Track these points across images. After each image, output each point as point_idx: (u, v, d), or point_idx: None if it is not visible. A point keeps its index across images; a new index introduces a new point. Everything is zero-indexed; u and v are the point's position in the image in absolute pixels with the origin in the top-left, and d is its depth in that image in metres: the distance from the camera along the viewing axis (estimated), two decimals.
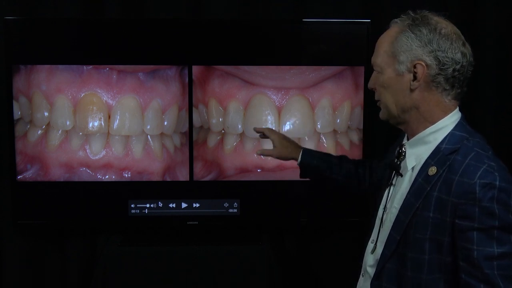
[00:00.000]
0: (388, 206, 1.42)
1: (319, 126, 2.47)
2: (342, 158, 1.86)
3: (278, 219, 2.55)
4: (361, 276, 1.49)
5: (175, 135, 2.47)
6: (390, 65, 1.35)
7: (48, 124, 2.44)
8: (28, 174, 2.45)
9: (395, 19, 1.41)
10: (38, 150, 2.44)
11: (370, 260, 1.44)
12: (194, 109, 2.46)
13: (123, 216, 2.48)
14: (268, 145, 2.46)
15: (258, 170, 2.49)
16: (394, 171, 1.43)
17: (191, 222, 2.50)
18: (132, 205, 2.48)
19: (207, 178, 2.49)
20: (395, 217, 1.36)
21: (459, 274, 1.26)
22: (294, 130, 2.45)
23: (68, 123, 2.43)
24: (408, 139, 1.42)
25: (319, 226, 2.68)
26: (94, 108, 2.43)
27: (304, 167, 1.84)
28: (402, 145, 1.42)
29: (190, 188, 2.49)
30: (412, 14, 1.38)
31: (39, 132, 2.44)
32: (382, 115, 1.44)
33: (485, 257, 1.22)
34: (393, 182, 1.43)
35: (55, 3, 2.55)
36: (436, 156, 1.31)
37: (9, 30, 2.39)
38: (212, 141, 2.48)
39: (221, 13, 2.57)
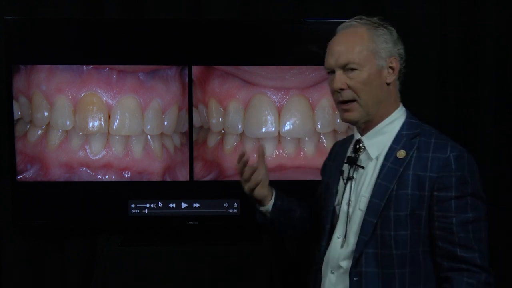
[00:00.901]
0: (352, 199, 1.47)
1: (319, 126, 2.47)
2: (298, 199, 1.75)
3: None
4: (329, 274, 1.50)
5: (175, 135, 2.47)
6: (371, 61, 1.43)
7: (48, 124, 2.44)
8: (28, 174, 2.45)
9: (352, 22, 1.49)
10: (38, 150, 2.44)
11: (342, 255, 1.47)
12: (194, 109, 2.46)
13: (123, 216, 2.48)
14: (268, 144, 2.48)
15: None
16: (351, 166, 1.49)
17: (191, 222, 2.50)
18: (132, 205, 2.48)
19: (207, 178, 2.49)
20: (366, 204, 1.42)
21: (435, 243, 1.38)
22: (294, 130, 2.45)
23: (68, 123, 2.43)
24: (361, 135, 1.50)
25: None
26: (94, 108, 2.43)
27: (276, 207, 1.63)
28: (358, 141, 1.49)
29: (190, 188, 2.49)
30: (366, 18, 1.50)
31: (39, 132, 2.44)
32: (354, 115, 1.45)
33: (461, 222, 1.36)
34: (354, 176, 1.48)
35: (55, 3, 2.55)
36: (401, 141, 1.43)
37: (9, 30, 2.40)
38: (212, 141, 2.48)
39: (221, 13, 2.57)
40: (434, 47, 2.62)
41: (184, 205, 2.50)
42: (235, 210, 2.50)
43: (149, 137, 2.46)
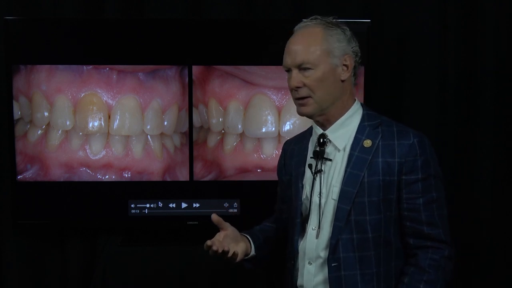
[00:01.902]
0: (323, 190, 1.54)
1: None
2: (264, 223, 1.82)
3: None
4: (307, 265, 1.55)
5: (175, 135, 2.47)
6: (324, 60, 1.50)
7: (48, 124, 2.44)
8: (28, 174, 2.45)
9: (307, 23, 1.55)
10: (38, 150, 2.44)
11: (319, 245, 1.53)
12: (194, 109, 2.46)
13: (123, 216, 2.48)
14: (268, 144, 2.48)
15: (258, 170, 2.49)
16: (318, 159, 1.55)
17: (191, 222, 2.50)
18: (132, 205, 2.48)
19: (207, 178, 2.49)
20: (338, 193, 1.50)
21: (403, 223, 1.50)
22: (294, 130, 2.45)
23: (68, 123, 2.43)
24: (323, 130, 1.56)
25: None
26: (94, 108, 2.43)
27: (259, 254, 1.67)
28: (322, 135, 1.55)
29: (190, 188, 2.49)
30: (321, 18, 1.55)
31: (39, 132, 2.44)
32: (309, 110, 1.53)
33: (427, 202, 1.48)
34: (322, 169, 1.54)
35: (55, 3, 2.55)
36: (364, 131, 1.53)
37: (9, 30, 2.40)
38: (212, 141, 2.48)
39: (221, 13, 2.57)
40: (434, 48, 2.62)
41: (184, 205, 2.50)
42: (235, 210, 2.50)
43: (149, 137, 2.46)
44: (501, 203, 2.64)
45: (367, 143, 1.51)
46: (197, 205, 2.49)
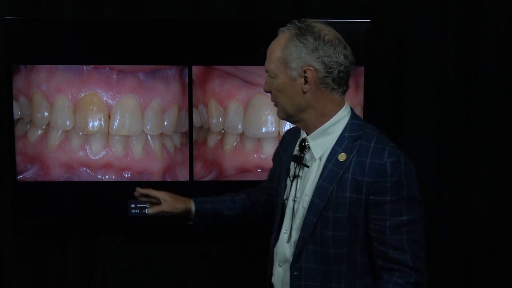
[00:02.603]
0: (298, 196, 1.53)
1: None
2: (233, 194, 1.88)
3: None
4: (277, 267, 1.57)
5: (175, 135, 2.47)
6: (282, 71, 1.47)
7: (48, 124, 2.44)
8: (28, 174, 2.45)
9: (282, 28, 1.50)
10: (38, 150, 2.44)
11: (288, 249, 1.53)
12: (194, 109, 2.46)
13: (123, 216, 2.48)
14: (268, 144, 2.48)
15: (258, 170, 2.49)
16: (297, 164, 1.54)
17: (191, 222, 2.49)
18: (132, 205, 2.48)
19: (207, 178, 2.49)
20: (308, 203, 1.48)
21: (371, 243, 1.45)
22: None
23: (68, 123, 2.43)
24: (307, 134, 1.53)
25: None
26: (94, 108, 2.43)
27: (200, 215, 1.80)
28: (304, 140, 1.54)
29: (190, 188, 2.49)
30: (298, 23, 1.48)
31: (39, 132, 2.44)
32: (280, 115, 1.54)
33: (395, 225, 1.41)
34: (300, 174, 1.53)
35: (55, 3, 2.55)
36: (342, 144, 1.47)
37: (9, 30, 2.39)
38: (212, 141, 2.48)
39: (221, 13, 2.57)
40: (434, 48, 2.62)
41: None
42: None
43: (149, 137, 2.46)
44: (501, 203, 2.64)
45: (342, 156, 1.46)
46: None
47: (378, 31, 2.58)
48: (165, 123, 2.46)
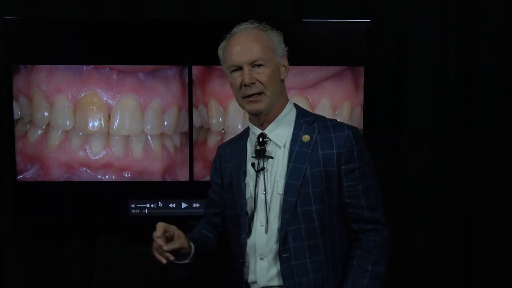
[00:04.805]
0: (268, 187, 1.60)
1: None
2: (195, 231, 1.81)
3: None
4: (259, 261, 1.59)
5: (175, 135, 2.47)
6: (272, 58, 1.59)
7: (48, 124, 2.44)
8: (28, 174, 2.45)
9: (249, 25, 1.61)
10: (38, 150, 2.44)
11: (269, 239, 1.58)
12: (194, 109, 2.46)
13: (123, 216, 2.48)
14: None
15: None
16: (261, 158, 1.61)
17: (191, 222, 2.49)
18: (132, 205, 2.48)
19: (207, 178, 2.49)
20: (283, 187, 1.57)
21: (346, 210, 1.59)
22: None
23: (68, 123, 2.43)
24: (261, 129, 1.62)
25: None
26: (94, 108, 2.43)
27: (195, 255, 1.66)
28: (262, 135, 1.61)
29: (190, 188, 2.49)
30: (257, 22, 1.62)
31: (39, 132, 2.45)
32: (262, 106, 1.59)
33: (365, 188, 1.58)
34: (265, 166, 1.60)
35: (55, 3, 2.55)
36: (301, 128, 1.61)
37: (9, 30, 2.40)
38: (212, 141, 2.48)
39: (221, 13, 2.58)
40: (434, 48, 2.62)
41: (184, 205, 2.50)
42: None
43: (149, 137, 2.46)
44: (501, 203, 2.64)
45: (306, 138, 1.59)
46: (197, 205, 2.49)
47: (378, 31, 2.58)
48: (165, 123, 2.46)
